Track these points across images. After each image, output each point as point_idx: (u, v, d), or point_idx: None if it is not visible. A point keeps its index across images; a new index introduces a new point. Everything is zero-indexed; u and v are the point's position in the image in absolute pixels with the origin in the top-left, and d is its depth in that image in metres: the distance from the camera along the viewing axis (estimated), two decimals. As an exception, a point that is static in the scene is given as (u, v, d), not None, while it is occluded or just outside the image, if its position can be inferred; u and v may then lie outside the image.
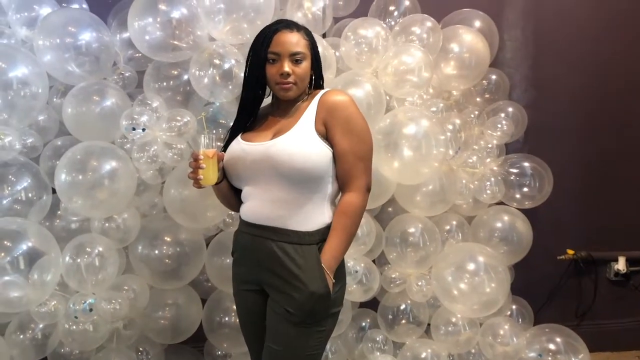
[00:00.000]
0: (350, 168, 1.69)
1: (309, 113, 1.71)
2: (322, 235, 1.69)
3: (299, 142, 1.66)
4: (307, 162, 1.65)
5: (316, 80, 1.81)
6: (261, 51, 1.72)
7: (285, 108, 1.78)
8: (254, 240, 1.73)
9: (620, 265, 3.11)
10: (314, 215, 1.69)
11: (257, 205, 1.73)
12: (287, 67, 1.70)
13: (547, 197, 2.61)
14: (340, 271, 1.73)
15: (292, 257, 1.67)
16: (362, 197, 1.70)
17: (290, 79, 1.71)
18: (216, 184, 1.79)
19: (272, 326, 1.72)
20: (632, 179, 3.12)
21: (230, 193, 1.86)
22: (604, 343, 3.10)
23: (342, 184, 1.71)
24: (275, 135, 1.71)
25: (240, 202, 1.82)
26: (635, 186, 3.12)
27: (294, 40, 1.71)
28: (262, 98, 1.82)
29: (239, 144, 1.77)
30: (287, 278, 1.67)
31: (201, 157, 1.69)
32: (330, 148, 1.68)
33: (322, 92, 1.75)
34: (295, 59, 1.71)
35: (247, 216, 1.76)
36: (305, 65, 1.74)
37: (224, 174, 1.81)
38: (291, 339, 1.69)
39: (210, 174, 1.71)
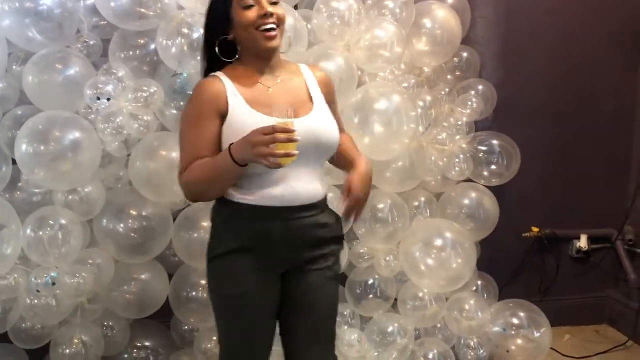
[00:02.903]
0: (342, 127, 1.84)
1: (314, 89, 1.72)
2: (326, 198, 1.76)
3: (329, 116, 1.70)
4: (337, 135, 1.70)
5: None
6: None
7: (280, 81, 1.67)
8: (291, 226, 1.62)
9: (583, 242, 3.18)
10: (324, 182, 1.73)
11: (298, 186, 1.62)
12: (268, 6, 1.59)
13: (515, 175, 2.64)
14: None
15: (327, 223, 1.70)
16: None
17: (274, 20, 1.59)
18: None
19: (324, 298, 1.71)
20: (596, 159, 3.18)
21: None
22: (565, 318, 3.18)
23: None
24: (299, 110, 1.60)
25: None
26: (598, 166, 3.19)
27: None
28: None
29: (265, 120, 1.55)
30: (328, 243, 1.71)
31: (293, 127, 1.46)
32: None
33: (306, 67, 1.77)
34: (273, 1, 1.62)
35: (285, 201, 1.61)
36: (283, 9, 1.66)
37: None
38: (337, 297, 1.80)
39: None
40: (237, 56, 1.67)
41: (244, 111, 1.59)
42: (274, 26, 1.61)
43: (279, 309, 1.72)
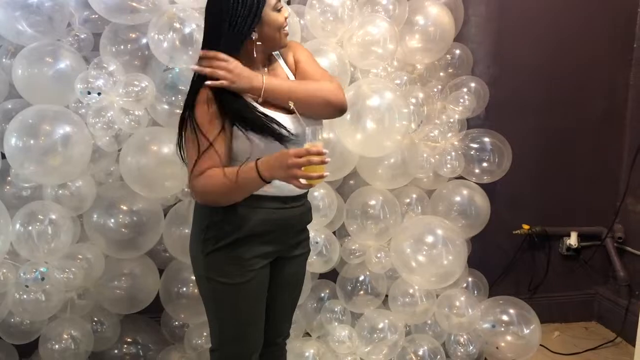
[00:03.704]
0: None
1: (292, 76, 1.82)
2: None
3: None
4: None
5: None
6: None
7: (269, 71, 1.78)
8: (293, 212, 1.77)
9: (573, 240, 3.20)
10: None
11: None
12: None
13: (506, 172, 2.65)
14: None
15: (309, 209, 1.87)
16: None
17: None
18: None
19: (301, 280, 1.95)
20: (587, 157, 3.20)
21: None
22: (555, 314, 3.21)
23: None
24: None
25: None
26: (589, 164, 3.20)
27: None
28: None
29: (281, 117, 1.66)
30: (305, 228, 1.88)
31: (323, 150, 1.50)
32: None
33: (278, 54, 1.84)
34: None
35: (289, 190, 1.66)
36: None
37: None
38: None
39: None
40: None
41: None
42: None
43: None
